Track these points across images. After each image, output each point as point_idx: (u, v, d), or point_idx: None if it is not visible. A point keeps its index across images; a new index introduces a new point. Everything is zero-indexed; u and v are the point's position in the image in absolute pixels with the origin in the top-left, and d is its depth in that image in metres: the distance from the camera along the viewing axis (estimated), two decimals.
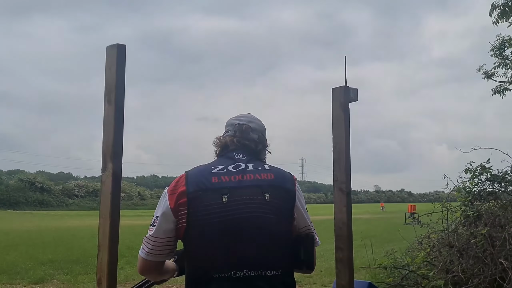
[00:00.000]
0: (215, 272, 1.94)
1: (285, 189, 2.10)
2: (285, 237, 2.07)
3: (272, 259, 2.00)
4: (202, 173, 2.08)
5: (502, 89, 8.54)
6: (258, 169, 2.12)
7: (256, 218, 1.99)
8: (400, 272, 7.44)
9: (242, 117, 2.32)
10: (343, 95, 3.53)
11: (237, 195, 2.01)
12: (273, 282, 1.98)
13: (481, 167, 7.48)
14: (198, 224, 1.98)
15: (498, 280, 6.10)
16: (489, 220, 6.96)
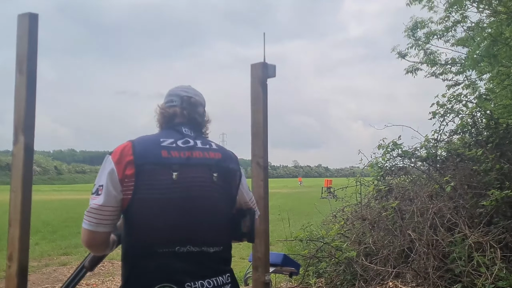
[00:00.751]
0: (159, 247, 1.92)
1: (231, 169, 2.13)
2: (227, 215, 2.12)
3: (215, 236, 2.04)
4: (150, 144, 2.03)
5: (414, 69, 8.88)
6: (206, 147, 2.12)
7: (203, 197, 2.01)
8: (315, 245, 7.65)
9: (188, 89, 2.27)
10: (262, 71, 3.55)
11: (187, 172, 1.99)
12: (214, 257, 2.02)
13: (393, 143, 7.79)
14: (145, 197, 1.93)
15: (406, 251, 6.41)
16: (399, 194, 7.29)
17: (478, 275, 5.55)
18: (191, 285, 1.93)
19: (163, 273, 1.91)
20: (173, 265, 1.93)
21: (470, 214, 6.39)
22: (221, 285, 2.04)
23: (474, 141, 7.55)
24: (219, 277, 2.04)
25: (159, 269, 1.91)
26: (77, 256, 10.44)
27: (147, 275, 1.92)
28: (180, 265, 1.93)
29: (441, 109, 7.63)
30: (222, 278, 2.05)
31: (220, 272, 2.05)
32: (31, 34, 2.39)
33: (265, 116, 3.49)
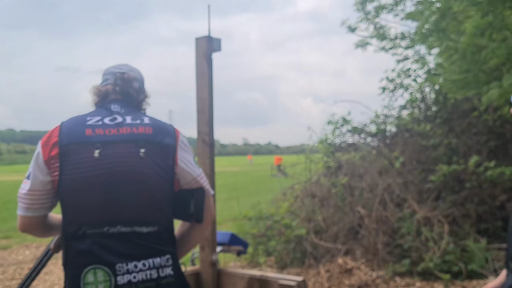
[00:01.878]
0: (88, 228, 1.89)
1: (163, 144, 2.02)
2: (163, 192, 2.00)
3: (147, 215, 1.94)
4: (76, 124, 1.99)
5: (364, 43, 8.79)
6: (136, 122, 2.04)
7: (128, 173, 1.93)
8: (265, 223, 7.54)
9: (123, 66, 2.20)
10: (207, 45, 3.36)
11: (110, 149, 1.94)
12: (149, 238, 1.93)
13: (342, 119, 7.70)
14: (70, 178, 1.91)
15: (356, 228, 6.37)
16: (349, 171, 7.23)
17: (426, 250, 5.57)
18: (122, 266, 1.87)
19: (93, 254, 1.87)
20: (104, 246, 1.88)
21: (418, 189, 6.40)
22: (159, 267, 1.93)
23: (423, 116, 7.56)
24: (156, 259, 1.93)
25: (89, 250, 1.88)
26: (19, 240, 10.17)
27: (79, 256, 1.89)
28: (110, 246, 1.88)
29: (391, 84, 7.58)
30: (159, 260, 1.94)
31: (157, 253, 1.94)
32: None
33: (210, 91, 3.33)
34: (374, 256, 5.87)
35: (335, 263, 5.96)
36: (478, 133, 6.64)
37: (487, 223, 5.99)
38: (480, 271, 5.24)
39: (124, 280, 1.87)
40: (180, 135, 2.09)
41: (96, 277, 1.87)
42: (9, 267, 7.76)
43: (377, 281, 5.48)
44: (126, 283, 1.87)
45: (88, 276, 1.87)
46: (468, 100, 6.85)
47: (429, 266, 5.33)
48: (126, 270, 1.87)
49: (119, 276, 1.87)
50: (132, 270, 1.88)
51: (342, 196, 6.90)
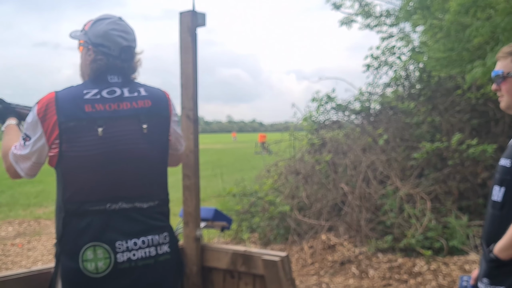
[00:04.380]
0: (90, 205, 1.89)
1: (162, 115, 2.01)
2: (161, 166, 2.04)
3: (148, 190, 1.97)
4: (73, 100, 1.89)
5: (349, 21, 8.75)
6: (134, 95, 1.97)
7: (132, 151, 1.93)
8: (249, 200, 7.56)
9: (125, 33, 1.99)
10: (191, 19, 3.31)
11: (113, 126, 1.89)
12: (149, 213, 1.96)
13: (326, 96, 7.70)
14: (72, 156, 1.87)
15: (339, 204, 6.42)
16: (332, 148, 7.25)
17: (408, 226, 5.63)
18: (122, 244, 1.88)
19: (93, 231, 1.87)
20: (104, 223, 1.88)
21: (402, 166, 6.45)
22: (157, 245, 1.96)
23: (407, 94, 7.58)
24: (155, 236, 1.96)
25: (89, 227, 1.87)
26: (1, 216, 10.10)
27: (79, 233, 1.88)
28: (111, 224, 1.89)
29: (375, 62, 7.58)
30: (158, 237, 1.97)
31: (156, 230, 1.97)
32: None
33: (194, 66, 3.28)
34: (357, 233, 5.92)
35: (319, 240, 6.00)
36: (461, 111, 6.69)
37: (468, 200, 6.07)
38: (461, 247, 5.32)
39: (124, 257, 1.88)
40: (172, 103, 2.08)
41: (96, 254, 1.86)
42: None
43: (360, 257, 5.54)
44: (125, 260, 1.88)
45: (87, 253, 1.86)
46: (452, 78, 6.87)
47: (411, 242, 5.39)
48: (126, 248, 1.89)
49: (119, 254, 1.87)
50: (132, 247, 1.90)
51: (326, 173, 6.93)
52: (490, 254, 1.86)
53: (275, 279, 2.74)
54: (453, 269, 5.04)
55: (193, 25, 3.26)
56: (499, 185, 1.87)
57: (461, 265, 5.08)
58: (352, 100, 7.80)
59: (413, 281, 4.99)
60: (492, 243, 1.87)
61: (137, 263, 1.90)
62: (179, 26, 3.32)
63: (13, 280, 2.32)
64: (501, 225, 1.84)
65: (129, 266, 1.89)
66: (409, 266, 5.23)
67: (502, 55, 1.93)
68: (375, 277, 5.18)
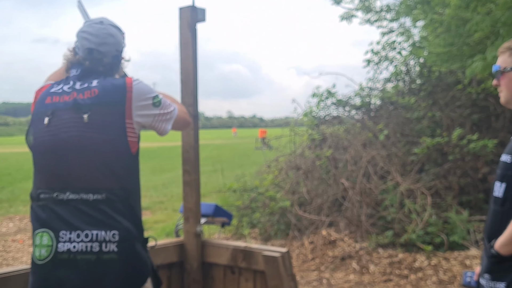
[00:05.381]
0: (41, 193, 1.96)
1: (109, 103, 1.97)
2: (114, 156, 1.96)
3: (94, 181, 1.93)
4: (44, 93, 2.06)
5: (349, 15, 8.73)
6: (84, 87, 2.01)
7: (73, 138, 1.95)
8: (249, 195, 7.56)
9: (93, 35, 2.08)
10: (191, 15, 3.29)
11: (57, 116, 1.98)
12: (96, 206, 1.90)
13: (327, 91, 7.68)
14: (30, 145, 2.03)
15: (340, 200, 6.42)
16: (333, 143, 7.25)
17: (409, 222, 5.63)
18: (66, 234, 1.89)
19: (43, 219, 1.93)
20: (53, 212, 1.92)
21: (402, 161, 6.45)
22: (102, 241, 1.87)
23: (408, 89, 7.57)
24: (101, 232, 1.88)
25: (40, 214, 1.94)
26: (1, 212, 10.11)
27: (34, 220, 1.96)
28: (58, 213, 1.91)
29: (376, 57, 7.56)
30: (104, 233, 1.88)
31: (102, 226, 1.89)
32: None
33: (194, 62, 3.27)
34: (357, 228, 5.92)
35: (319, 235, 6.01)
36: (461, 106, 6.68)
37: (469, 195, 6.07)
38: (462, 242, 5.32)
39: (64, 248, 1.87)
40: (134, 85, 2.01)
41: (42, 240, 1.91)
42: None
43: (360, 253, 5.54)
44: (65, 251, 1.87)
45: (36, 239, 1.92)
46: (452, 73, 6.86)
47: (411, 237, 5.40)
48: (68, 239, 1.88)
49: (60, 243, 1.88)
50: (74, 239, 1.88)
51: (326, 168, 6.93)
52: (491, 250, 1.86)
53: (276, 275, 2.75)
54: (453, 264, 5.04)
55: (193, 21, 3.25)
56: (500, 181, 1.87)
57: (462, 260, 5.08)
58: (353, 96, 7.80)
59: (413, 276, 4.99)
60: (493, 238, 1.87)
61: (76, 256, 1.87)
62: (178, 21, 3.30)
63: (15, 277, 2.32)
64: (502, 221, 1.84)
65: (67, 258, 1.87)
66: (410, 261, 5.23)
67: (502, 50, 1.94)
68: (376, 273, 5.19)
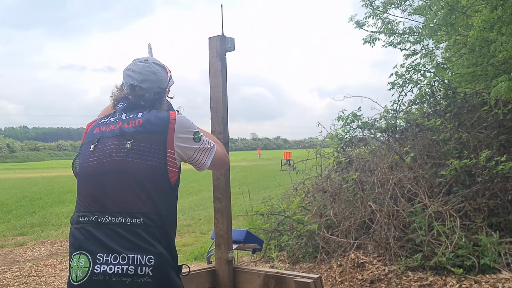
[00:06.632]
0: (81, 216, 2.05)
1: (152, 132, 2.09)
2: (154, 182, 2.04)
3: (132, 206, 2.00)
4: (94, 125, 2.22)
5: (372, 38, 8.79)
6: (129, 117, 2.14)
7: (114, 163, 2.05)
8: (277, 218, 7.60)
9: (136, 73, 2.23)
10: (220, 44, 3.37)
11: (101, 143, 2.10)
12: (133, 230, 1.98)
13: (352, 114, 7.72)
14: (75, 171, 2.16)
15: (367, 222, 6.41)
16: (359, 165, 7.26)
17: (438, 244, 5.59)
18: (103, 256, 1.94)
19: (81, 241, 2.00)
20: (91, 235, 1.99)
21: (429, 184, 6.42)
22: (138, 265, 1.94)
23: (433, 111, 7.57)
24: (137, 255, 1.95)
25: (78, 236, 2.02)
26: (33, 236, 10.24)
27: (72, 242, 2.05)
28: (96, 235, 1.98)
29: (400, 80, 7.59)
30: (140, 257, 1.95)
31: (139, 250, 1.96)
32: None
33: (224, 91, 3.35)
34: (386, 251, 5.90)
35: (347, 258, 6.00)
36: (488, 127, 6.65)
37: (499, 217, 6.00)
38: (493, 265, 5.26)
39: (100, 269, 1.93)
40: (177, 118, 2.14)
41: (79, 262, 1.97)
42: (25, 264, 7.85)
43: (390, 276, 5.52)
44: (101, 272, 1.93)
45: (73, 261, 1.99)
46: (478, 94, 6.86)
47: (441, 260, 5.35)
48: (105, 261, 1.93)
49: (97, 265, 1.94)
50: (110, 261, 1.93)
51: (353, 191, 6.93)
52: None
53: None
54: (485, 287, 4.99)
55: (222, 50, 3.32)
56: None
57: (494, 283, 5.02)
58: (378, 118, 7.82)
59: None
60: None
61: (112, 278, 1.92)
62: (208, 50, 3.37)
63: None
64: None
65: (103, 279, 1.92)
66: (440, 284, 5.19)
67: None
68: None
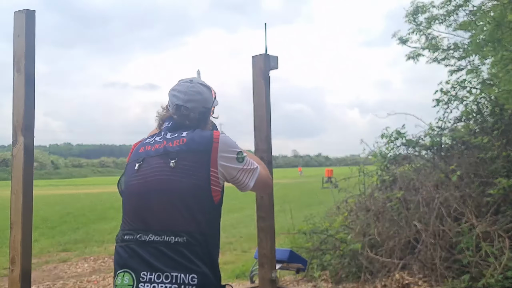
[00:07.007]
0: (126, 234, 2.08)
1: (196, 151, 2.09)
2: (197, 201, 2.04)
3: (176, 224, 2.01)
4: (140, 144, 2.26)
5: (415, 54, 8.73)
6: (174, 136, 2.17)
7: (158, 182, 2.06)
8: (319, 237, 7.54)
9: (182, 93, 2.27)
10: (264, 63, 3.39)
11: (146, 162, 2.12)
12: (177, 249, 1.98)
13: (396, 132, 7.64)
14: (121, 190, 2.19)
15: (412, 242, 6.29)
16: (403, 184, 7.16)
17: (486, 265, 5.44)
18: (146, 275, 1.96)
19: (125, 259, 2.03)
20: (135, 253, 2.01)
21: (477, 203, 6.27)
22: (181, 284, 1.94)
23: (480, 128, 7.40)
24: (181, 274, 1.95)
25: (123, 255, 2.04)
26: (77, 252, 10.35)
27: (116, 260, 2.07)
28: (140, 254, 2.00)
29: (445, 96, 7.47)
30: (183, 276, 1.95)
31: (183, 269, 1.96)
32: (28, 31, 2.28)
33: (268, 109, 3.37)
34: (432, 272, 5.78)
35: (392, 278, 5.89)
36: None
37: None
38: None
39: None
40: (221, 137, 2.14)
41: (123, 280, 2.00)
42: (69, 280, 7.95)
43: None
44: None
45: (118, 279, 2.02)
46: None
47: (490, 282, 5.20)
48: (149, 279, 1.95)
49: (140, 284, 1.95)
50: (155, 280, 1.94)
51: (397, 209, 6.83)
52: None
53: None
54: None
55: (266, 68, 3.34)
56: None
57: None
58: (422, 135, 7.70)
59: None
60: None
61: None
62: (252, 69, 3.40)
63: None
64: None
65: None
66: None
67: None
68: None
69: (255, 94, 3.47)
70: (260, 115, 3.43)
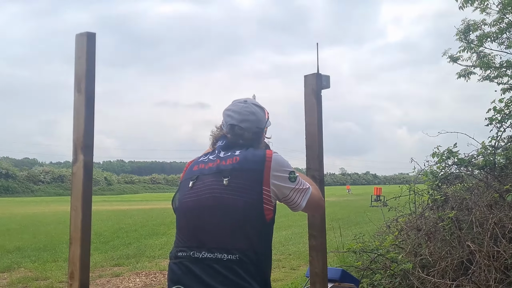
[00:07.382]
0: (179, 251, 2.12)
1: (249, 169, 2.11)
2: (250, 219, 2.05)
3: (229, 241, 2.02)
4: (194, 162, 2.30)
5: (466, 72, 8.63)
6: (227, 155, 2.20)
7: (212, 200, 2.08)
8: (369, 256, 7.50)
9: (236, 113, 2.32)
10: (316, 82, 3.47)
11: (201, 180, 2.16)
12: (229, 266, 1.99)
13: (448, 151, 7.55)
14: (175, 208, 2.24)
15: (466, 263, 6.19)
16: (456, 204, 7.05)
17: None
18: None
19: (178, 275, 2.06)
20: (188, 270, 2.04)
21: None
22: None
23: None
24: None
25: (176, 271, 2.08)
26: (129, 267, 10.54)
27: (170, 275, 2.12)
28: (193, 270, 2.03)
29: (498, 115, 7.35)
30: None
31: (234, 286, 1.98)
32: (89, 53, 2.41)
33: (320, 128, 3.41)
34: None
35: None
36: None
37: None
38: None
39: None
40: (274, 156, 2.15)
41: None
42: None
43: None
44: None
45: None
46: None
47: None
48: None
49: None
50: None
51: (450, 229, 6.73)
52: None
53: None
54: None
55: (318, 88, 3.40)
56: None
57: None
58: (475, 154, 7.58)
59: None
60: None
61: None
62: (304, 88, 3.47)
63: None
64: None
65: None
66: None
67: None
68: None
69: (306, 113, 3.52)
70: (312, 133, 3.48)
